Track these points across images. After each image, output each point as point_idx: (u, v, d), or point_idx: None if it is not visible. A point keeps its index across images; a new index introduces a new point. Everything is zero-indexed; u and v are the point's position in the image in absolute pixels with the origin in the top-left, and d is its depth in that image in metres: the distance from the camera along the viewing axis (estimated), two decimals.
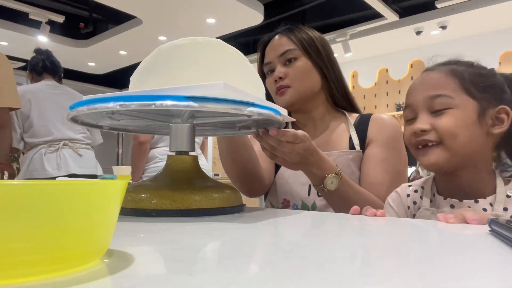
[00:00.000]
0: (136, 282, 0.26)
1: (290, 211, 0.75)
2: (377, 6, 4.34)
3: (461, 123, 0.69)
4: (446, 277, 0.28)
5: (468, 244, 0.42)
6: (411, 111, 0.75)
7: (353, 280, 0.27)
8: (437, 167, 0.72)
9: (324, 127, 1.05)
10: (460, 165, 0.71)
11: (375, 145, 0.97)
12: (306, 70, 1.02)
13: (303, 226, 0.57)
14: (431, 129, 0.70)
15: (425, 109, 0.72)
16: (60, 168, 2.20)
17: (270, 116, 0.62)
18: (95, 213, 0.27)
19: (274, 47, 1.05)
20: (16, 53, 5.74)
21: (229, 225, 0.55)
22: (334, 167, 0.82)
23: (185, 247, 0.38)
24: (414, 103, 0.74)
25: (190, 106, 0.53)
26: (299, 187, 0.97)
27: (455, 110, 0.70)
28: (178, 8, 4.44)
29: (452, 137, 0.69)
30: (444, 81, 0.72)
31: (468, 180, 0.72)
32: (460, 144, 0.69)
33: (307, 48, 1.02)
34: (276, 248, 0.40)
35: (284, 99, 1.02)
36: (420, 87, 0.75)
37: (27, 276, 0.25)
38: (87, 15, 5.60)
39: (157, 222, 0.55)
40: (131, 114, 0.68)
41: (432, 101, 0.71)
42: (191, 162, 0.70)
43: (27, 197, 0.23)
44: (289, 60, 1.02)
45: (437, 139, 0.70)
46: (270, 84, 1.06)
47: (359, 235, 0.50)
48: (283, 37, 1.05)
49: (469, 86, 0.71)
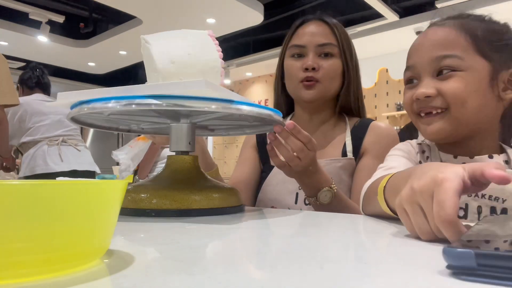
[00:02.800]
0: (136, 282, 0.26)
1: (290, 211, 0.75)
2: (377, 6, 4.34)
3: (471, 88, 0.60)
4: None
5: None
6: (413, 73, 0.66)
7: (353, 280, 0.27)
8: (442, 137, 0.64)
9: (323, 131, 1.02)
10: (467, 135, 0.64)
11: (370, 156, 0.94)
12: (337, 71, 0.96)
13: (302, 226, 0.57)
14: (437, 94, 0.62)
15: (430, 71, 0.63)
16: (62, 163, 2.24)
17: (268, 116, 0.62)
18: (95, 213, 0.27)
19: (313, 32, 0.96)
20: (16, 53, 5.75)
21: (229, 225, 0.55)
22: (329, 180, 0.80)
23: (185, 247, 0.38)
24: (417, 64, 0.65)
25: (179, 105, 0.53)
26: (287, 194, 0.95)
27: (464, 73, 0.61)
28: (178, 8, 4.44)
29: (461, 104, 0.60)
30: (454, 38, 0.62)
31: (473, 146, 0.64)
32: (469, 112, 0.61)
33: (345, 50, 0.97)
34: (276, 248, 0.40)
35: (310, 93, 0.94)
36: (425, 45, 0.65)
37: (27, 276, 0.25)
38: (87, 15, 5.60)
39: (157, 222, 0.55)
40: (122, 113, 0.68)
41: (438, 63, 0.62)
42: (191, 162, 0.70)
43: (27, 197, 0.23)
44: (326, 54, 0.96)
45: (443, 106, 0.62)
46: (295, 69, 0.96)
47: (359, 234, 0.50)
48: (325, 25, 0.98)
49: (481, 44, 0.62)
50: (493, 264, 0.26)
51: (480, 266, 0.26)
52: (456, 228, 0.35)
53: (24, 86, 2.46)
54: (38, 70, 2.47)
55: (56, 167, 2.21)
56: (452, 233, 0.35)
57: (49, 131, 2.29)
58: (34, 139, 2.27)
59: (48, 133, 2.29)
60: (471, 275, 0.27)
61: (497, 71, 0.62)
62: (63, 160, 2.25)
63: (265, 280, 0.27)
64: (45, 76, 2.50)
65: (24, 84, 2.46)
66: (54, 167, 2.21)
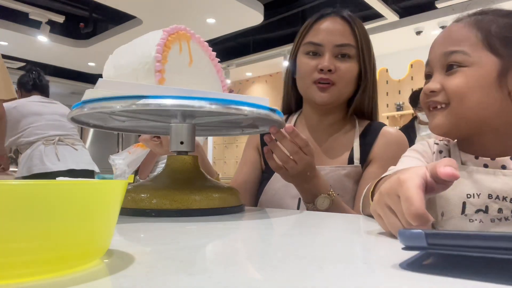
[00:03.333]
0: (136, 282, 0.26)
1: (289, 211, 0.75)
2: (377, 6, 4.35)
3: (473, 84, 0.60)
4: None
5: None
6: (429, 69, 0.67)
7: (353, 280, 0.27)
8: (441, 132, 0.64)
9: (331, 133, 0.97)
10: (473, 131, 0.63)
11: (377, 165, 0.90)
12: (354, 74, 0.91)
13: (302, 226, 0.57)
14: (441, 89, 0.62)
15: (440, 66, 0.64)
16: (59, 162, 2.24)
17: (267, 116, 0.62)
18: (95, 213, 0.27)
19: (331, 31, 0.90)
20: (16, 53, 5.75)
21: (229, 225, 0.55)
22: (327, 186, 0.79)
23: (185, 247, 0.38)
24: (431, 59, 0.66)
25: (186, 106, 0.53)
26: (289, 200, 0.93)
27: (469, 68, 0.61)
28: (178, 8, 4.44)
29: (459, 99, 0.61)
30: (463, 34, 0.63)
31: (492, 145, 0.63)
32: (468, 108, 0.61)
33: (364, 52, 0.92)
34: (276, 248, 0.40)
35: (323, 96, 0.89)
36: (439, 41, 0.66)
37: (27, 276, 0.25)
38: (87, 15, 5.60)
39: (157, 222, 0.55)
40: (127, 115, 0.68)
41: (446, 58, 0.63)
42: (191, 162, 0.70)
43: (27, 197, 0.23)
44: (343, 55, 0.90)
45: (445, 101, 0.62)
46: (309, 68, 0.90)
47: (360, 235, 0.50)
48: (344, 23, 0.91)
49: (493, 40, 0.61)
50: (441, 243, 0.28)
51: (430, 245, 0.28)
52: (426, 219, 0.37)
53: (22, 89, 2.50)
54: (34, 73, 2.51)
55: (53, 167, 2.21)
56: (423, 224, 0.37)
57: (45, 131, 2.30)
58: (30, 139, 2.28)
59: (43, 133, 2.30)
60: (405, 267, 0.29)
61: (507, 68, 0.60)
62: (60, 160, 2.25)
63: (265, 280, 0.27)
64: (42, 78, 2.53)
65: (22, 87, 2.50)
66: (51, 167, 2.21)
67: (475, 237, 0.27)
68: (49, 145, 2.27)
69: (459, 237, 0.28)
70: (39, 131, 2.29)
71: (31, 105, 2.35)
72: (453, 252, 0.28)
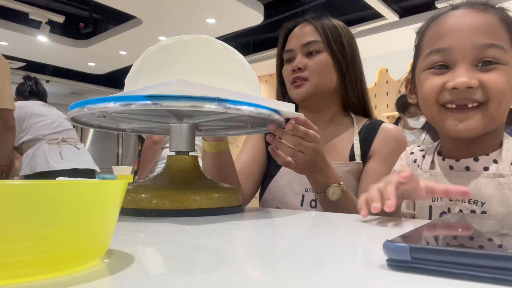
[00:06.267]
0: (136, 282, 0.26)
1: (289, 211, 0.75)
2: (377, 6, 4.34)
3: (510, 84, 0.55)
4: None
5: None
6: (446, 58, 0.58)
7: (353, 280, 0.27)
8: (473, 134, 0.58)
9: (330, 131, 1.00)
10: (487, 131, 0.59)
11: (377, 160, 0.93)
12: (326, 65, 0.96)
13: (303, 226, 0.57)
14: (478, 86, 0.55)
15: (471, 59, 0.56)
16: (62, 161, 2.28)
17: (264, 115, 0.62)
18: (95, 213, 0.27)
19: (298, 35, 0.99)
20: (16, 53, 5.74)
21: (229, 225, 0.55)
22: (338, 177, 0.80)
23: (185, 247, 0.38)
24: (455, 48, 0.57)
25: (147, 105, 0.53)
26: (293, 196, 0.95)
27: (506, 67, 0.55)
28: (178, 8, 4.44)
29: (498, 100, 0.55)
30: (498, 28, 0.56)
31: (482, 148, 0.61)
32: (503, 109, 0.56)
33: (331, 43, 0.97)
34: (276, 248, 0.40)
35: (299, 92, 0.96)
36: (464, 28, 0.57)
37: (27, 276, 0.25)
38: (87, 15, 5.60)
39: (157, 222, 0.55)
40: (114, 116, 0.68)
41: (482, 51, 0.55)
42: (191, 162, 0.70)
43: (27, 197, 0.23)
44: (311, 52, 0.97)
45: (482, 100, 0.55)
46: (287, 73, 1.00)
47: (359, 234, 0.50)
48: (309, 26, 0.99)
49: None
50: (426, 258, 0.27)
51: (415, 260, 0.28)
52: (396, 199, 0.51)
53: (20, 96, 2.56)
54: (32, 81, 2.56)
55: (57, 165, 2.25)
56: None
57: (49, 131, 2.34)
58: (34, 138, 2.31)
59: (48, 132, 2.34)
60: (406, 268, 0.28)
61: None
62: (63, 159, 2.29)
63: (265, 280, 0.27)
64: (39, 85, 2.59)
65: (20, 94, 2.56)
66: (54, 165, 2.25)
67: (460, 254, 0.26)
68: (53, 144, 2.30)
69: (444, 253, 0.27)
70: (44, 131, 2.33)
71: (35, 106, 2.41)
72: (437, 268, 0.27)
